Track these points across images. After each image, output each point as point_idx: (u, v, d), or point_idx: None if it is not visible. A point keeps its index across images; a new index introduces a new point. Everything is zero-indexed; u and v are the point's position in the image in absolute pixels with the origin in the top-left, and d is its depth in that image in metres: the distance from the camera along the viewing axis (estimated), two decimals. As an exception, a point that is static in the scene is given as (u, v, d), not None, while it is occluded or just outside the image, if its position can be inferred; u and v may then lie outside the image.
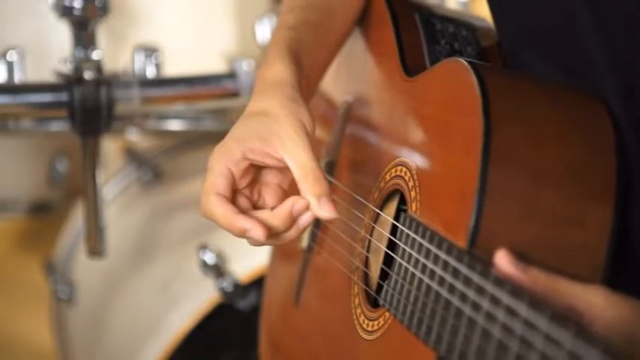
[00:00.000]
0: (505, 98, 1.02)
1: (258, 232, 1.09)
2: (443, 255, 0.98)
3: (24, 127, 1.87)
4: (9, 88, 1.74)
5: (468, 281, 0.94)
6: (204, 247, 1.82)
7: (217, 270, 1.79)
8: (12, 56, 1.76)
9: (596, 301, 0.91)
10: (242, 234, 1.10)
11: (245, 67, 1.89)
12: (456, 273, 0.96)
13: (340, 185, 1.29)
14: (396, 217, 1.13)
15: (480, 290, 0.92)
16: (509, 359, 0.86)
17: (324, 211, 1.09)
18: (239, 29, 2.19)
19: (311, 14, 1.27)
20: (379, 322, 1.11)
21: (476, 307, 0.92)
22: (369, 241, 1.18)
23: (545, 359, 0.82)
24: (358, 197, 1.23)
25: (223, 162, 1.13)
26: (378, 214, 1.18)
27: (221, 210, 1.11)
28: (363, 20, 1.32)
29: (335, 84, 1.36)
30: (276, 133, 1.12)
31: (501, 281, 0.90)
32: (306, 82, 1.20)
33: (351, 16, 1.30)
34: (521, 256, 0.93)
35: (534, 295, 0.87)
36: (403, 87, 1.19)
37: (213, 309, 1.78)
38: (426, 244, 1.02)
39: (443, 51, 1.22)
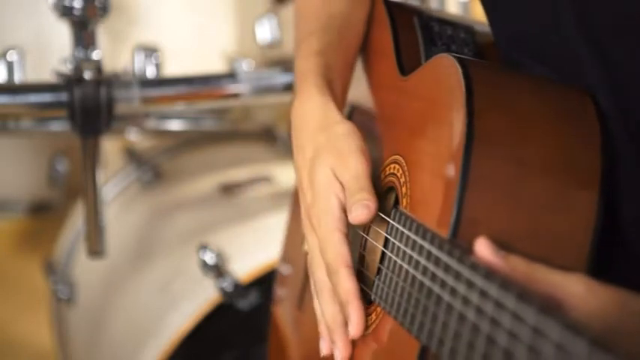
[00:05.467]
0: (490, 89, 1.02)
1: (355, 331, 1.10)
2: (427, 245, 0.99)
3: (24, 127, 1.87)
4: (9, 88, 1.74)
5: (447, 268, 0.95)
6: (204, 247, 1.83)
7: (217, 270, 1.80)
8: (12, 56, 1.76)
9: (576, 290, 0.91)
10: (347, 317, 1.11)
11: (245, 67, 1.89)
12: (437, 261, 0.97)
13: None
14: (391, 214, 1.14)
15: (458, 276, 0.93)
16: (480, 340, 0.87)
17: (352, 216, 1.11)
18: (239, 29, 2.19)
19: (333, 36, 1.27)
20: (372, 318, 1.12)
21: (453, 292, 0.93)
22: (366, 240, 1.19)
23: (512, 336, 0.83)
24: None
25: (334, 226, 1.13)
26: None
27: (349, 285, 1.11)
28: None
29: None
30: (333, 165, 1.14)
31: (476, 265, 0.91)
32: (338, 105, 1.22)
33: (362, 30, 1.31)
34: (503, 245, 0.94)
35: (505, 278, 0.88)
36: (398, 86, 1.20)
37: (213, 309, 1.78)
38: (412, 236, 1.03)
39: (440, 52, 1.22)
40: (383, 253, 1.12)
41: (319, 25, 1.28)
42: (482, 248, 0.93)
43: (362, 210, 1.10)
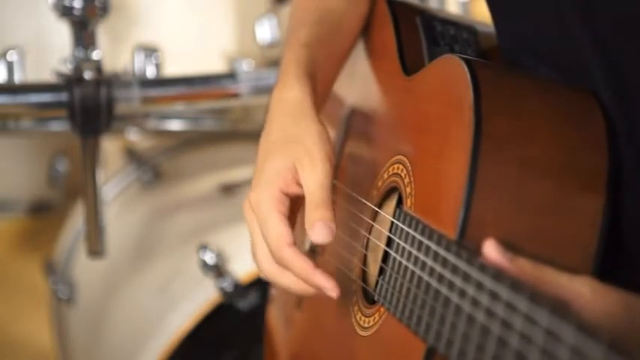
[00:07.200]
0: (497, 91, 1.02)
1: (333, 293, 1.10)
2: (433, 246, 0.99)
3: (24, 127, 1.87)
4: (9, 88, 1.74)
5: (455, 269, 0.95)
6: (204, 247, 1.82)
7: (217, 270, 1.79)
8: (12, 56, 1.76)
9: (583, 292, 0.91)
10: (317, 289, 1.11)
11: (245, 67, 1.89)
12: (445, 263, 0.97)
13: (342, 186, 1.29)
14: (394, 214, 1.14)
15: (466, 277, 0.93)
16: (490, 342, 0.87)
17: (314, 235, 1.10)
18: (239, 29, 2.19)
19: (324, 31, 1.27)
20: (374, 318, 1.12)
21: (462, 294, 0.93)
22: (368, 239, 1.19)
23: (524, 338, 0.83)
24: (358, 197, 1.23)
25: (273, 207, 1.13)
26: (377, 212, 1.19)
27: (299, 264, 1.11)
28: (366, 23, 1.32)
29: (340, 85, 1.36)
30: (299, 160, 1.14)
31: (485, 267, 0.91)
32: (319, 101, 1.22)
33: (357, 28, 1.31)
34: (510, 247, 0.94)
35: (515, 279, 0.87)
36: (401, 86, 1.20)
37: (213, 309, 1.78)
38: (418, 236, 1.03)
39: (443, 52, 1.23)
40: (386, 253, 1.12)
41: (312, 18, 1.28)
42: (490, 250, 0.93)
43: (324, 230, 1.09)
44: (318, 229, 1.10)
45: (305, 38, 1.25)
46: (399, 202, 1.13)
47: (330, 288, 1.10)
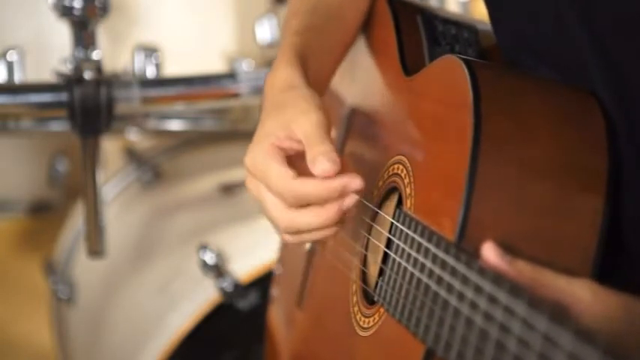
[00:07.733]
0: (496, 92, 1.02)
1: (358, 182, 1.06)
2: (432, 248, 0.99)
3: (24, 127, 1.87)
4: (9, 88, 1.74)
5: (454, 272, 0.95)
6: (204, 247, 1.82)
7: (217, 270, 1.79)
8: (12, 56, 1.76)
9: (582, 295, 0.91)
10: (346, 190, 1.06)
11: (245, 67, 1.89)
12: (444, 265, 0.97)
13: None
14: (394, 215, 1.14)
15: (465, 280, 0.93)
16: (489, 346, 0.87)
17: (317, 168, 1.06)
18: (239, 29, 2.19)
19: (316, 19, 1.27)
20: (374, 319, 1.12)
21: (461, 297, 0.93)
22: (368, 239, 1.19)
23: (522, 343, 0.83)
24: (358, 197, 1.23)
25: (269, 157, 1.10)
26: (376, 212, 1.19)
27: (314, 182, 1.06)
28: (366, 22, 1.32)
29: (341, 85, 1.36)
30: (292, 117, 1.12)
31: (484, 270, 0.91)
32: (312, 85, 1.20)
33: (355, 22, 1.30)
34: (508, 249, 0.93)
35: (514, 283, 0.87)
36: (402, 86, 1.20)
37: (213, 309, 1.78)
38: (417, 238, 1.03)
39: (444, 52, 1.22)
40: (386, 254, 1.12)
41: (304, 8, 1.28)
42: (489, 252, 0.93)
43: (326, 162, 1.06)
44: (321, 161, 1.06)
45: (296, 26, 1.25)
46: (399, 202, 1.13)
47: (354, 179, 1.06)
